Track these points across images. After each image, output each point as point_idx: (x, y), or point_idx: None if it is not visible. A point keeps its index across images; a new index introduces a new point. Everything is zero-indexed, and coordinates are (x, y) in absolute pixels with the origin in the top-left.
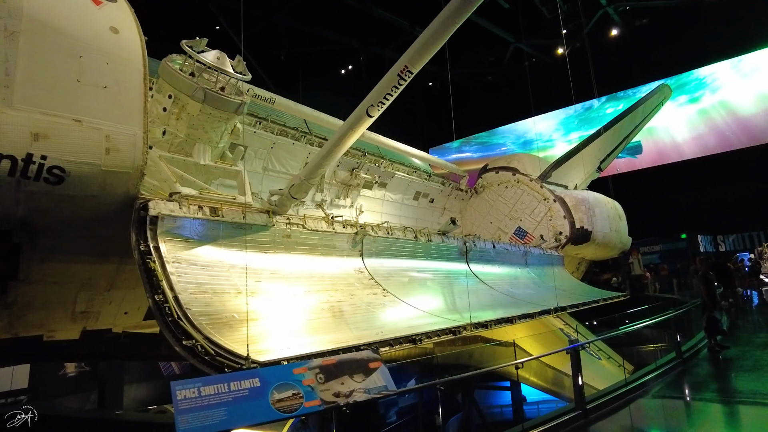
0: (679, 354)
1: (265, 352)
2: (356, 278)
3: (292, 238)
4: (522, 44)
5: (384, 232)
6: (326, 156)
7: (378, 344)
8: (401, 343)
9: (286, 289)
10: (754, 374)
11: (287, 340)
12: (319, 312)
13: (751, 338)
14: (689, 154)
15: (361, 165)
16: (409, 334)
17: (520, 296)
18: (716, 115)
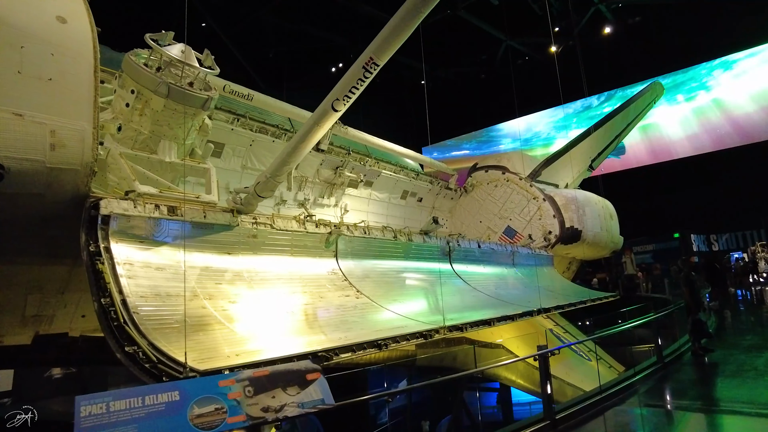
0: (660, 358)
1: (210, 360)
2: (328, 280)
3: (259, 238)
4: (514, 42)
5: (360, 232)
6: (292, 153)
7: (339, 350)
8: (365, 349)
9: (248, 293)
10: (736, 380)
11: (238, 347)
12: (281, 316)
13: (738, 341)
14: (682, 153)
15: (345, 163)
16: (376, 338)
17: (504, 297)
18: (710, 113)
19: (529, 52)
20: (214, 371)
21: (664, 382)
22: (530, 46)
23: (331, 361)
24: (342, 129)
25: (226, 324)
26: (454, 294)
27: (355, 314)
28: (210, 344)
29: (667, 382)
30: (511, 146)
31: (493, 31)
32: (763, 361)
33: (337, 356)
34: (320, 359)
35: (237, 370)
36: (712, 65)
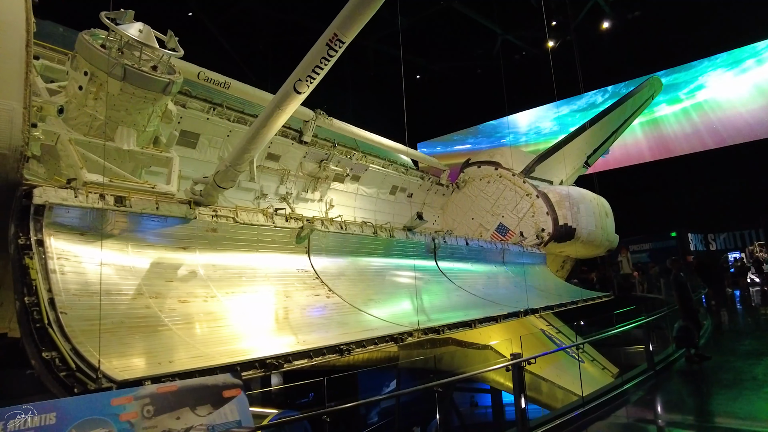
0: (651, 365)
1: (137, 368)
2: (298, 278)
3: (220, 232)
4: (510, 36)
5: (336, 227)
6: (252, 140)
7: (293, 356)
8: (324, 354)
9: (203, 292)
10: (732, 391)
11: (177, 353)
12: (236, 318)
13: (735, 346)
14: (680, 151)
15: (330, 156)
16: (338, 342)
17: (491, 297)
18: (709, 110)
19: (526, 47)
20: (135, 381)
21: (655, 393)
22: (527, 41)
23: (282, 368)
24: (327, 120)
25: (170, 326)
26: (437, 293)
27: (322, 316)
28: (144, 349)
29: (657, 393)
30: (522, 141)
31: (488, 24)
32: (762, 369)
33: (290, 363)
34: (270, 367)
35: (165, 380)
36: (714, 62)
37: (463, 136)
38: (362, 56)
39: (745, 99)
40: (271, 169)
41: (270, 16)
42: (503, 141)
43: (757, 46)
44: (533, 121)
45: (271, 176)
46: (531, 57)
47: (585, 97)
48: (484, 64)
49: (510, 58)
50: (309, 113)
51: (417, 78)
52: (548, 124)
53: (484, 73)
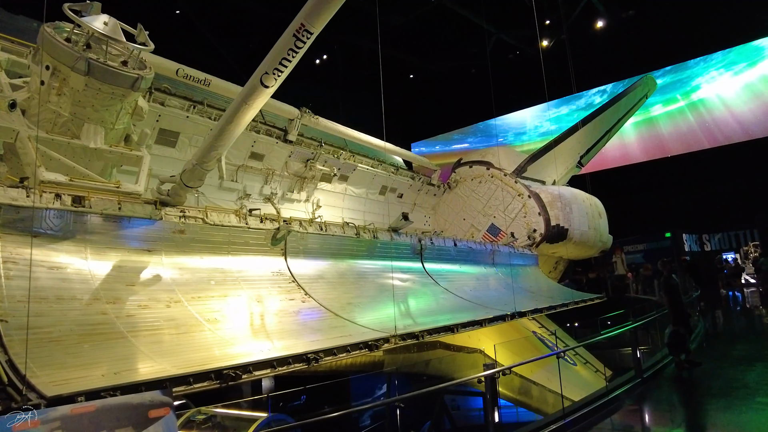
0: (639, 372)
1: (76, 381)
2: (272, 282)
3: (188, 234)
4: (504, 35)
5: (316, 228)
6: (218, 136)
7: (253, 366)
8: (289, 363)
9: (166, 296)
10: (723, 401)
11: (126, 363)
12: (200, 325)
13: (727, 350)
14: (675, 150)
15: (317, 156)
16: (306, 351)
17: (479, 300)
18: (702, 110)
19: (520, 46)
20: (68, 398)
21: (642, 402)
22: (521, 40)
23: (240, 380)
24: (313, 119)
25: (125, 334)
26: (421, 297)
27: (295, 321)
28: (91, 360)
29: (645, 402)
30: (525, 139)
31: (482, 23)
32: (754, 376)
33: (249, 374)
34: (226, 378)
35: (108, 394)
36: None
37: (463, 135)
38: (356, 56)
39: (740, 99)
40: (255, 168)
41: (261, 13)
42: (500, 140)
43: (752, 45)
44: (534, 120)
45: (255, 176)
46: (525, 56)
47: (584, 96)
48: (478, 64)
49: (504, 57)
50: (294, 111)
51: (411, 77)
52: (549, 123)
53: (478, 73)
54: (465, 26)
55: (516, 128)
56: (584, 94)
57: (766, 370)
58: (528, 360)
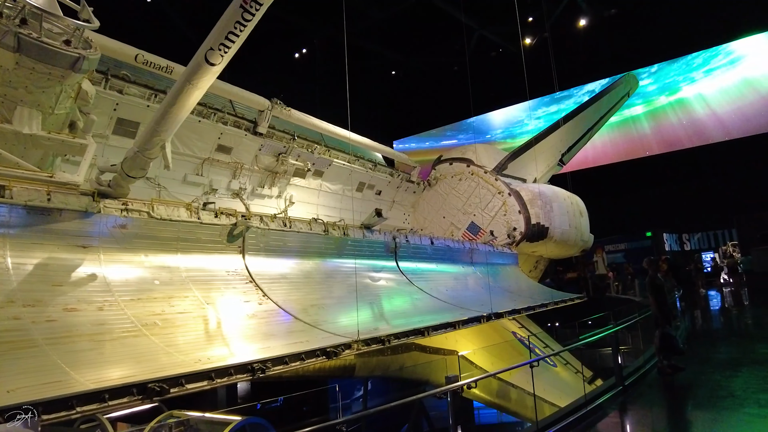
0: (620, 379)
1: None
2: (226, 282)
3: (131, 229)
4: (487, 32)
5: (279, 224)
6: (161, 120)
7: (186, 379)
8: (230, 375)
9: (99, 299)
10: (710, 412)
11: (31, 377)
12: (132, 331)
13: (709, 353)
14: (657, 150)
15: (289, 150)
16: (251, 360)
17: (455, 300)
18: (683, 109)
19: (502, 43)
20: None
21: (623, 414)
22: (504, 36)
23: (167, 394)
24: (285, 111)
25: (38, 342)
26: (394, 298)
27: (247, 326)
28: None
29: (626, 414)
30: (519, 134)
31: (464, 19)
32: (740, 382)
33: (181, 387)
34: (150, 393)
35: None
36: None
37: (454, 132)
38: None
39: (720, 98)
40: (222, 162)
41: None
42: (488, 137)
43: (731, 45)
44: (524, 117)
45: (222, 170)
46: (508, 54)
47: (573, 96)
48: (460, 61)
49: (487, 54)
50: (264, 102)
51: (393, 74)
52: (538, 121)
53: (461, 70)
54: (447, 22)
55: (505, 126)
56: (574, 93)
57: (751, 376)
58: (499, 371)
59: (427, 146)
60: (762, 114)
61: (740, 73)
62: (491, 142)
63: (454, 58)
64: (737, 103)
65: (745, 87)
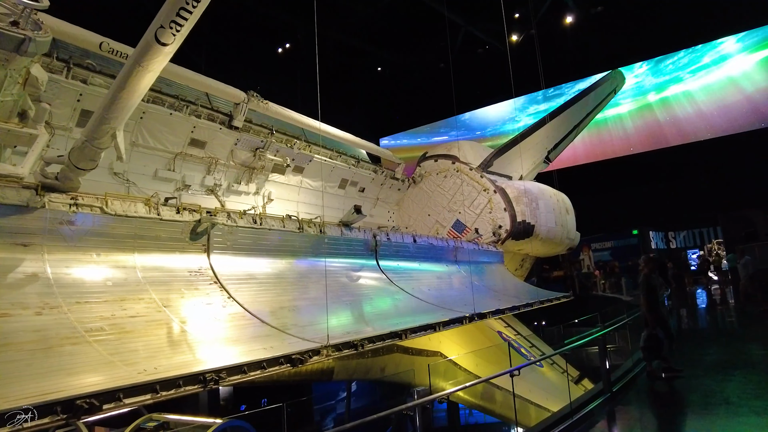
0: (608, 385)
1: None
2: (188, 283)
3: (81, 226)
4: (473, 28)
5: (248, 221)
6: (110, 106)
7: (124, 392)
8: (179, 387)
9: (37, 302)
10: (703, 420)
11: None
12: (69, 339)
13: (699, 355)
14: (642, 148)
15: (267, 144)
16: (204, 370)
17: (438, 300)
18: (669, 107)
19: (489, 40)
20: None
21: (612, 424)
22: (490, 33)
23: (98, 412)
24: (262, 104)
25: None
26: (373, 298)
27: (206, 331)
28: None
29: (614, 424)
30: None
31: (450, 16)
32: (734, 387)
33: (118, 402)
34: (78, 411)
35: None
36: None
37: (447, 129)
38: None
39: (705, 96)
40: (196, 157)
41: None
42: (477, 133)
43: (718, 43)
44: (513, 115)
45: (196, 165)
46: (495, 51)
47: (564, 94)
48: (446, 58)
49: (473, 51)
50: (240, 95)
51: (379, 70)
52: (528, 119)
53: (447, 67)
54: (433, 18)
55: (496, 123)
56: (565, 91)
57: (745, 380)
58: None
59: (418, 142)
60: (747, 112)
61: (726, 71)
62: (480, 139)
63: (440, 54)
64: (723, 101)
65: (730, 85)
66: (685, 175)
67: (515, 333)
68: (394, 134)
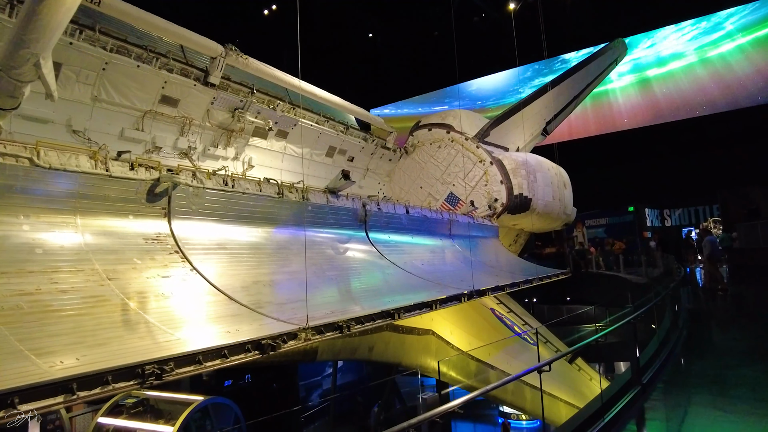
0: (637, 376)
1: None
2: (143, 251)
3: (3, 180)
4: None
5: (218, 182)
6: (26, 25)
7: (20, 394)
8: (106, 383)
9: None
10: (758, 424)
11: None
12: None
13: (724, 340)
14: (640, 122)
15: (247, 105)
16: (140, 361)
17: (432, 276)
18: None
19: (486, 8)
20: None
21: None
22: (487, 1)
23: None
24: (241, 59)
25: None
26: (362, 273)
27: (158, 311)
28: None
29: (654, 426)
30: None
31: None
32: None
33: (9, 410)
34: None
35: None
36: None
37: (441, 98)
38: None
39: (705, 72)
40: (168, 116)
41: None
42: (478, 103)
43: (721, 15)
44: (515, 85)
45: (168, 125)
46: (491, 19)
47: (568, 63)
48: (440, 26)
49: (469, 19)
50: (216, 48)
51: (371, 37)
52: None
53: (442, 36)
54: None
55: (498, 95)
56: (571, 62)
57: None
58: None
59: (419, 111)
60: (747, 87)
61: (724, 45)
62: (480, 110)
63: (434, 22)
64: (722, 76)
65: (733, 59)
66: (684, 152)
67: (507, 310)
68: (386, 104)
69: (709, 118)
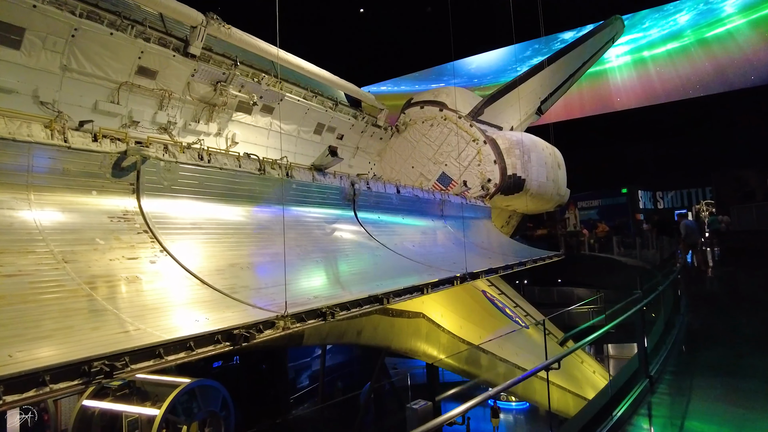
0: (645, 368)
1: None
2: (108, 231)
3: None
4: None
5: (192, 156)
6: None
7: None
8: (43, 384)
9: None
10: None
11: None
12: None
13: (731, 324)
14: (634, 103)
15: (230, 78)
16: (89, 357)
17: (423, 258)
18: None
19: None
20: None
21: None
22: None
23: None
24: (224, 29)
25: None
26: (349, 256)
27: (121, 297)
28: None
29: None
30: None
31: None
32: None
33: None
34: None
35: None
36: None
37: (439, 76)
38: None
39: (701, 53)
40: (145, 88)
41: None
42: (475, 81)
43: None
44: (512, 62)
45: (146, 98)
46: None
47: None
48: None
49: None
50: (197, 17)
51: (361, 12)
52: (519, 65)
53: (435, 12)
54: None
55: (495, 73)
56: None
57: None
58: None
59: (417, 89)
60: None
61: (723, 27)
62: (478, 87)
63: None
64: (717, 58)
65: (729, 40)
66: (678, 134)
67: (499, 292)
68: (383, 81)
69: (703, 99)
